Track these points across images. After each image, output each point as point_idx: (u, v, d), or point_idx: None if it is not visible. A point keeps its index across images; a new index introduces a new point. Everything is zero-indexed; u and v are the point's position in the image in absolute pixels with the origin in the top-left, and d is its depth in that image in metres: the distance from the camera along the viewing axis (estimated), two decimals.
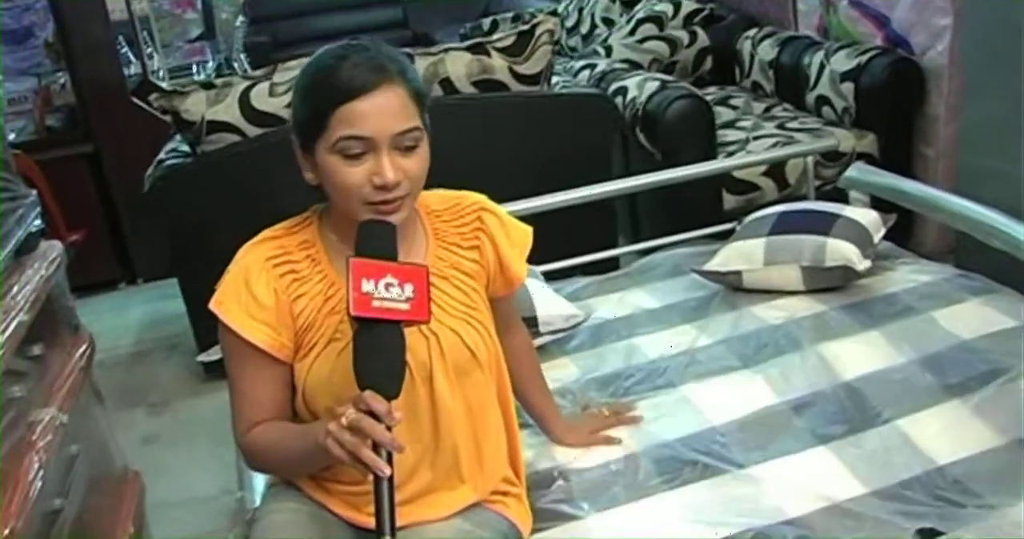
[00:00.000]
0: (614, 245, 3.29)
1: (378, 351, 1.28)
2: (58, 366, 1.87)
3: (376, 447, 1.24)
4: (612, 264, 3.01)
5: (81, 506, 1.82)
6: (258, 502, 1.66)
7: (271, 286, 1.46)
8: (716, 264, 2.50)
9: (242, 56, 5.87)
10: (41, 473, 1.53)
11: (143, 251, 4.40)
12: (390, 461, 1.24)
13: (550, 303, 2.34)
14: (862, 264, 2.36)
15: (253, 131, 3.06)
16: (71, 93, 4.50)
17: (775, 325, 2.27)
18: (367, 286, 1.26)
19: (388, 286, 1.27)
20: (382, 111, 1.35)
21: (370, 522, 1.51)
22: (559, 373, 2.18)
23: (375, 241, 1.34)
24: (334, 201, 1.45)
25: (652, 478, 1.80)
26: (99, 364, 3.87)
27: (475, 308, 1.55)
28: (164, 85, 3.20)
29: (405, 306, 1.28)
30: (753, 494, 1.75)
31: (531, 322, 2.23)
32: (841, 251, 2.36)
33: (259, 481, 1.74)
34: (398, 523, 1.50)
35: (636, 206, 3.83)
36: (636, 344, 2.31)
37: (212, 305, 1.47)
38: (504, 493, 1.65)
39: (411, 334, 1.35)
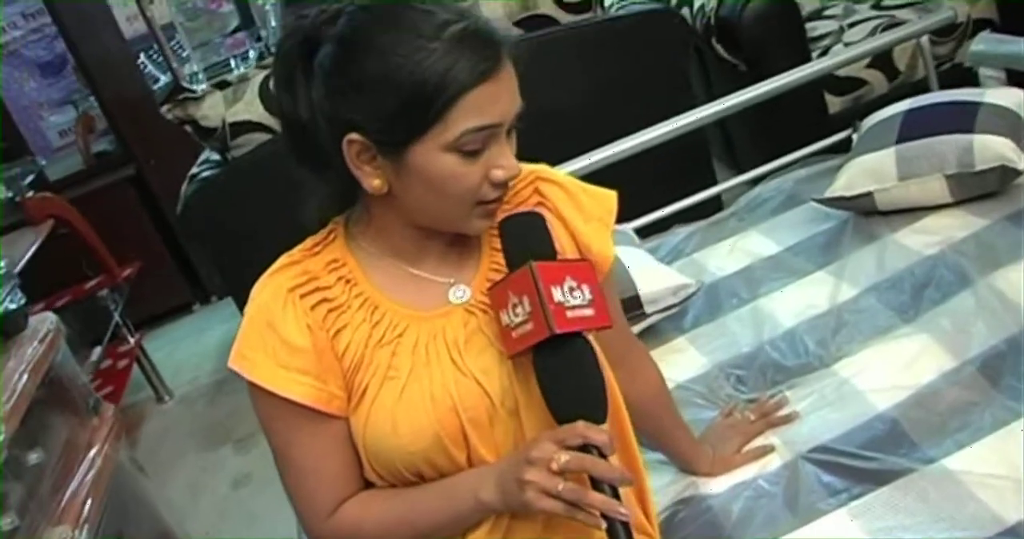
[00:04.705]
0: (713, 182, 2.83)
1: (575, 371, 1.05)
2: (73, 464, 1.53)
3: (595, 485, 1.01)
4: (715, 205, 2.59)
5: None
6: None
7: (302, 322, 1.12)
8: (840, 187, 2.08)
9: None
10: None
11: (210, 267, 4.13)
12: (616, 497, 1.01)
13: (652, 275, 1.95)
14: (1022, 160, 1.89)
15: None
16: None
17: (930, 256, 1.84)
18: (557, 294, 1.04)
19: (572, 290, 1.06)
20: (508, 89, 1.07)
21: None
22: (678, 363, 1.79)
23: (536, 237, 1.11)
24: (424, 210, 1.11)
25: (818, 493, 1.40)
26: (181, 399, 3.71)
27: None
28: (198, 88, 2.86)
29: (591, 311, 1.06)
30: (954, 496, 1.34)
31: (633, 302, 1.87)
32: (993, 148, 1.93)
33: None
34: None
35: (728, 131, 3.36)
36: (764, 308, 1.91)
37: (232, 362, 1.13)
38: None
39: (483, 354, 1.12)
